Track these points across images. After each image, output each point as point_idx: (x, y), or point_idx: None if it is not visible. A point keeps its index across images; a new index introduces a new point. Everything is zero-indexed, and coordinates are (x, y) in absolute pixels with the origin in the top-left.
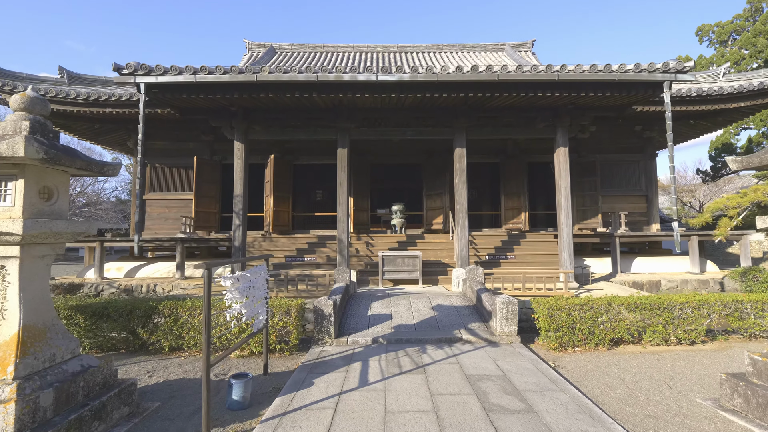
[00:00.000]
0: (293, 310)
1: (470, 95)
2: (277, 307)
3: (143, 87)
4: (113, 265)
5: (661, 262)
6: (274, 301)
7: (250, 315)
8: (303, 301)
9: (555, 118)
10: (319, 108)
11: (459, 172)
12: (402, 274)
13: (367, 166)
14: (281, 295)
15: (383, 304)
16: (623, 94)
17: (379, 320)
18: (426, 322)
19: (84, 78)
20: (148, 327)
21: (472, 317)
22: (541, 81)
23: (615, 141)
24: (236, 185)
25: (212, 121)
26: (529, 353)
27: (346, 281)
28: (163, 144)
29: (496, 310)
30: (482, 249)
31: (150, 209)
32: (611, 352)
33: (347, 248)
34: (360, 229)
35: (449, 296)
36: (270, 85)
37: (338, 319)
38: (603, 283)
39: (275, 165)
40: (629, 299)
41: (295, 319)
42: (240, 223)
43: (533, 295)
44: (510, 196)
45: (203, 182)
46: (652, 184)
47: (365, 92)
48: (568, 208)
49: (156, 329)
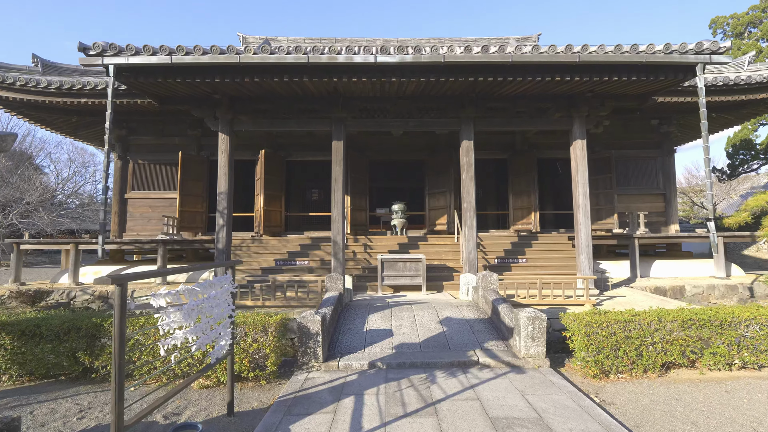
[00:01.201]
0: (271, 328)
1: (480, 80)
2: (250, 325)
3: (112, 69)
4: (90, 270)
5: (683, 266)
6: (248, 317)
7: (205, 342)
8: (284, 317)
9: (571, 107)
10: (312, 96)
11: (466, 166)
12: (403, 279)
13: (365, 163)
14: (268, 304)
15: (382, 316)
16: (650, 78)
17: (378, 337)
18: (434, 339)
19: (60, 67)
20: (91, 350)
21: (488, 334)
22: (560, 63)
23: (630, 136)
24: (220, 181)
25: (194, 111)
26: (563, 382)
27: (340, 289)
28: (147, 139)
29: (520, 326)
30: (490, 252)
31: (132, 209)
32: (663, 379)
33: (343, 251)
34: (357, 230)
35: (459, 306)
36: (255, 67)
37: (328, 337)
38: (624, 289)
39: (266, 161)
40: (682, 314)
41: (274, 339)
42: (224, 223)
43: (551, 304)
44: (519, 194)
45: (189, 180)
46: (670, 182)
47: (362, 76)
48: (586, 206)
49: (102, 352)
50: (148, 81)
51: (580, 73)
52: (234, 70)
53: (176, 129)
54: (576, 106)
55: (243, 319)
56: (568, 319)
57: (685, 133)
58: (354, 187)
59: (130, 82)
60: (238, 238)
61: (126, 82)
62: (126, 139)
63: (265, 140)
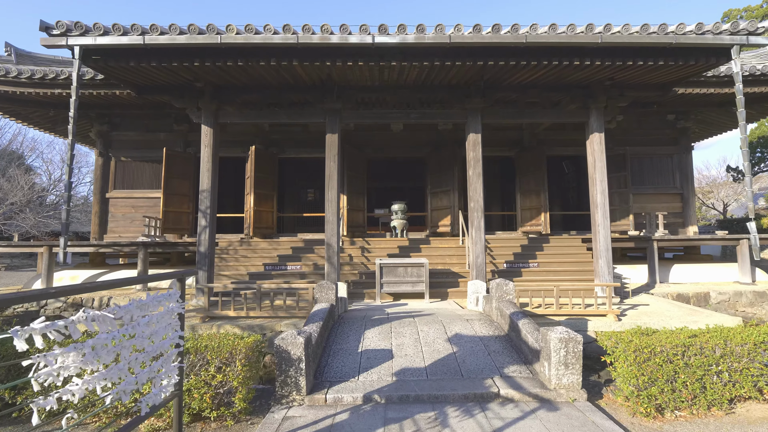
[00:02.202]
0: (239, 355)
1: (489, 64)
2: (213, 351)
3: (78, 51)
4: (67, 274)
5: (703, 270)
6: (211, 340)
7: (129, 388)
8: (257, 339)
9: (588, 98)
10: (304, 85)
11: (473, 162)
12: (404, 286)
13: (363, 160)
14: (253, 314)
15: (381, 332)
16: (679, 63)
17: (375, 360)
18: (442, 363)
19: (36, 57)
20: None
21: (507, 355)
22: (580, 45)
23: (645, 132)
24: (203, 178)
25: (176, 101)
26: (609, 424)
27: (331, 300)
28: (131, 135)
29: (550, 350)
30: (499, 256)
31: (114, 209)
32: (732, 418)
33: (337, 255)
34: (355, 231)
35: (469, 320)
36: (239, 49)
37: (315, 361)
38: (644, 296)
39: (256, 158)
40: (752, 335)
41: (243, 369)
42: (207, 224)
43: (569, 314)
44: (527, 194)
45: (174, 178)
46: (688, 180)
47: (359, 59)
48: (605, 206)
49: (27, 384)
50: (120, 65)
51: (602, 56)
52: (215, 53)
53: (161, 124)
54: (593, 96)
55: (204, 342)
56: (607, 339)
57: (704, 130)
58: (351, 186)
59: (100, 66)
60: (225, 240)
61: (95, 67)
62: (108, 134)
63: (256, 136)
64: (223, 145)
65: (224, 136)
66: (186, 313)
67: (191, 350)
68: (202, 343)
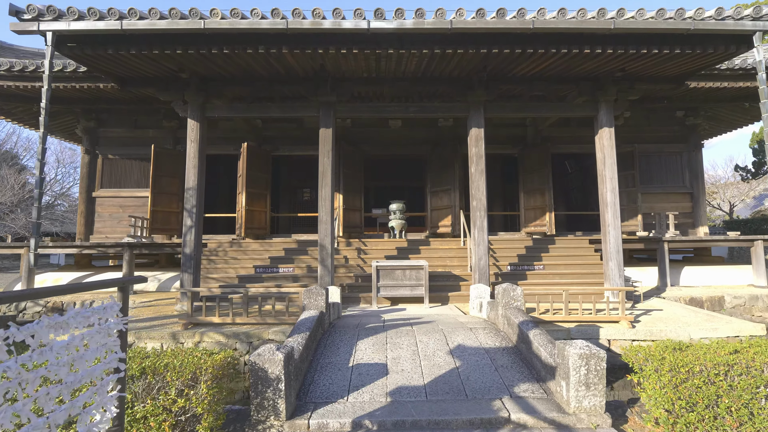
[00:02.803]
0: (205, 376)
1: (494, 52)
2: (175, 371)
3: (51, 37)
4: (51, 276)
5: (715, 272)
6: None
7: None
8: (227, 356)
9: (596, 90)
10: (296, 77)
11: (476, 158)
12: (402, 290)
13: (360, 159)
14: (239, 321)
15: (375, 343)
16: (697, 51)
17: (368, 377)
18: (444, 380)
19: (18, 50)
20: None
21: (516, 371)
22: (591, 31)
23: (653, 129)
24: (188, 175)
25: (160, 94)
26: None
27: (321, 307)
28: (119, 132)
29: (568, 367)
30: (502, 258)
31: (101, 209)
32: None
33: (331, 257)
34: (351, 232)
35: (473, 329)
36: (224, 35)
37: (298, 378)
38: (656, 300)
39: (249, 155)
40: None
41: (210, 392)
42: (192, 223)
43: (579, 320)
44: (531, 193)
45: (163, 176)
46: (698, 179)
47: (353, 47)
48: (615, 205)
49: None
50: (97, 54)
51: (614, 44)
52: (199, 40)
53: (150, 120)
54: (602, 88)
55: (166, 360)
56: (635, 355)
57: (713, 127)
58: (347, 185)
59: (76, 54)
60: (215, 241)
61: (71, 56)
62: (95, 131)
63: (249, 132)
64: (214, 142)
65: (216, 133)
66: (168, 319)
67: (148, 370)
68: (162, 362)
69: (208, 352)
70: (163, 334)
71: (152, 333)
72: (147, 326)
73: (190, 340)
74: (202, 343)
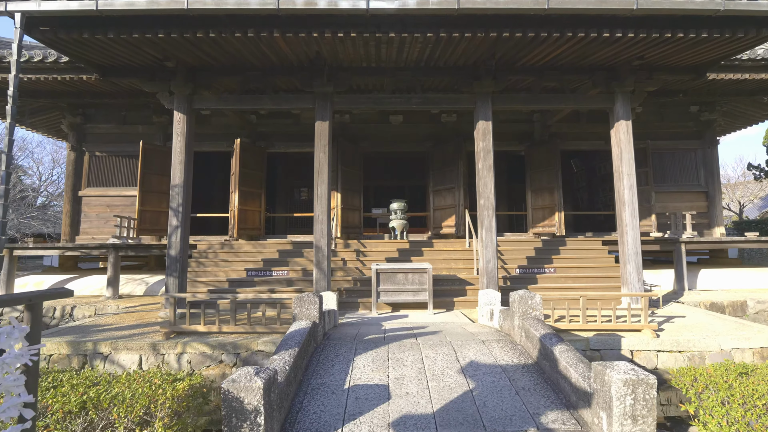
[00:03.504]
0: (161, 411)
1: (505, 35)
2: (124, 406)
3: (19, 19)
4: (32, 280)
5: (733, 275)
6: (128, 385)
7: None
8: (193, 384)
9: (612, 80)
10: (289, 66)
11: (483, 153)
12: (404, 295)
13: (359, 156)
14: (226, 329)
15: (375, 359)
16: (726, 35)
17: (367, 401)
18: (456, 407)
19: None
20: None
21: (541, 395)
22: (611, 12)
23: (666, 125)
24: (174, 171)
25: (145, 85)
26: None
27: (313, 317)
28: (107, 128)
29: (610, 396)
30: (510, 260)
31: (87, 208)
32: None
33: (328, 259)
34: (350, 233)
35: (485, 341)
36: (210, 16)
37: (283, 406)
38: (675, 305)
39: (242, 152)
40: None
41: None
42: (179, 223)
43: (598, 329)
44: (539, 192)
45: (152, 174)
46: (714, 177)
47: (351, 30)
48: (633, 203)
49: None
50: (72, 38)
51: (635, 27)
52: (182, 22)
53: (140, 116)
54: (618, 78)
55: (115, 390)
56: (690, 381)
57: (729, 123)
58: (345, 183)
59: (49, 39)
60: (206, 242)
61: (43, 40)
62: (81, 127)
63: (243, 128)
64: (207, 139)
65: (209, 129)
66: (150, 327)
67: (90, 404)
68: (110, 392)
69: (171, 377)
70: (142, 345)
71: (130, 343)
72: (126, 335)
73: (172, 351)
74: (185, 355)
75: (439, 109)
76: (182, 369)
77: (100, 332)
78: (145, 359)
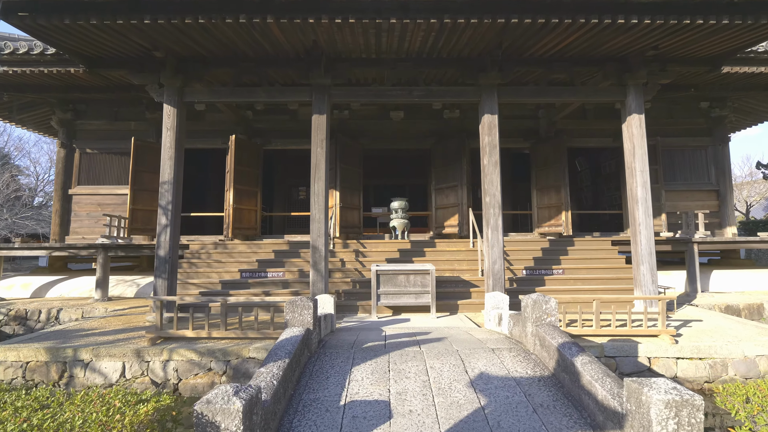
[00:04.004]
0: None
1: (513, 22)
2: None
3: None
4: (19, 281)
5: (746, 277)
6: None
7: None
8: (167, 404)
9: (625, 72)
10: (285, 57)
11: (488, 148)
12: (406, 298)
13: (359, 153)
14: (216, 335)
15: (375, 370)
16: (748, 22)
17: (365, 420)
18: (466, 428)
19: None
20: None
21: (561, 412)
22: None
23: (675, 122)
24: (163, 167)
25: (134, 77)
26: None
27: (307, 323)
28: (98, 124)
29: (650, 421)
30: (516, 261)
31: (78, 207)
32: None
33: (325, 260)
34: (348, 233)
35: (495, 350)
36: (199, 1)
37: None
38: (689, 308)
39: (237, 149)
40: None
41: None
42: (168, 222)
43: (612, 334)
44: (545, 190)
45: (144, 171)
46: (725, 175)
47: (350, 16)
48: (647, 201)
49: None
50: (52, 24)
51: (652, 12)
52: (169, 6)
53: (132, 112)
54: (631, 70)
55: (66, 415)
56: (735, 397)
57: (740, 120)
58: (344, 181)
59: (28, 25)
60: (199, 242)
61: (22, 27)
62: (72, 123)
63: (238, 124)
64: (201, 136)
65: (203, 126)
66: (137, 331)
67: None
68: (57, 419)
69: (136, 398)
70: (125, 351)
71: (113, 349)
72: (110, 340)
73: (157, 358)
74: (171, 362)
75: (441, 104)
76: (168, 378)
77: (83, 337)
78: (129, 367)
